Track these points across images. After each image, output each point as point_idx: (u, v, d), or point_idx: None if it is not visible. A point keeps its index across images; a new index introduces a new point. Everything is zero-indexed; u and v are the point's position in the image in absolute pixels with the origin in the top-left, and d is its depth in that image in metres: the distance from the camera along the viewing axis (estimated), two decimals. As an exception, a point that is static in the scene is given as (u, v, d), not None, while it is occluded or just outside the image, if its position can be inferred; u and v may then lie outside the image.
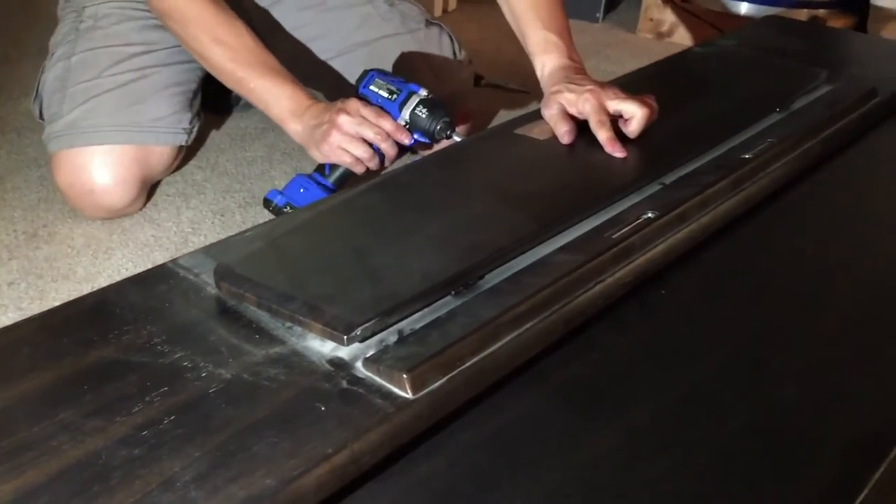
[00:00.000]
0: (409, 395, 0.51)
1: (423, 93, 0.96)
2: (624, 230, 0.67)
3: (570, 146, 0.81)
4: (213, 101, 1.29)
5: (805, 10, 1.69)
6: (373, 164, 0.96)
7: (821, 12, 1.68)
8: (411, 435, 0.50)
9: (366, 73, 1.01)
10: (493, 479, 0.50)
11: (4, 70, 1.55)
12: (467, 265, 0.61)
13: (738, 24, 1.58)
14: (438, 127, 0.95)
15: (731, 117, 0.88)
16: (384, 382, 0.52)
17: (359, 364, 0.54)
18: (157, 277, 0.63)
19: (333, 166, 0.98)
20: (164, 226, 1.10)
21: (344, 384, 0.52)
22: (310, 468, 0.46)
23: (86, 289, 0.97)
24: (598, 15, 2.01)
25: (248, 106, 1.38)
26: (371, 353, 0.54)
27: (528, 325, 0.57)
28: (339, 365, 0.54)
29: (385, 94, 0.98)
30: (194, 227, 1.09)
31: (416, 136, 0.96)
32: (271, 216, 1.02)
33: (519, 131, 0.86)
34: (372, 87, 0.99)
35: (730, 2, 1.75)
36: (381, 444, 0.49)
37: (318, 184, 0.99)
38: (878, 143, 0.92)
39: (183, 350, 0.55)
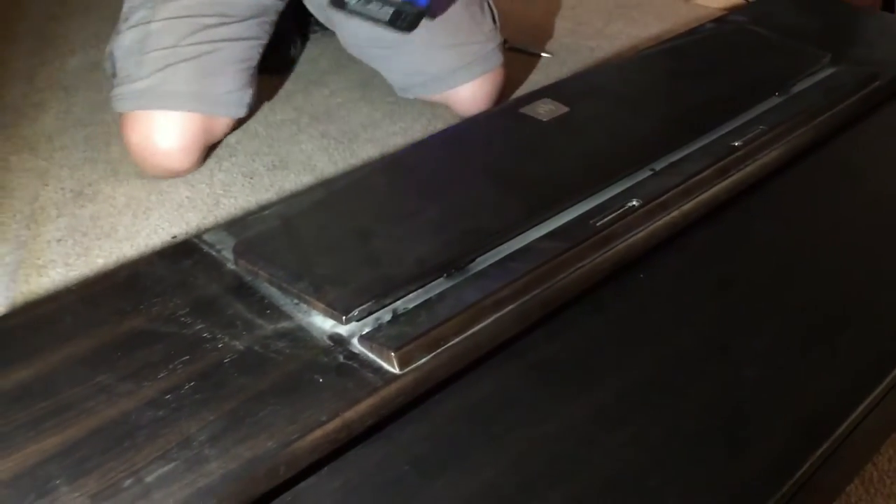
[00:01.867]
0: (396, 370, 0.58)
1: None
2: (607, 218, 0.72)
3: (570, 126, 0.87)
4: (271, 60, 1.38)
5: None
6: None
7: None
8: (397, 406, 0.58)
9: None
10: (468, 446, 0.58)
11: (51, 27, 1.62)
12: (458, 251, 0.67)
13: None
14: None
15: (728, 102, 0.92)
16: (375, 358, 0.59)
17: (355, 340, 0.61)
18: (183, 252, 0.71)
19: None
20: (197, 187, 1.17)
21: (341, 359, 0.60)
22: (305, 433, 0.54)
23: (125, 247, 1.05)
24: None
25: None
26: (367, 330, 0.61)
27: (508, 308, 0.64)
28: (337, 340, 0.61)
29: None
30: (225, 189, 1.17)
31: None
32: (295, 185, 1.09)
33: (524, 110, 0.91)
34: None
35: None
36: (369, 414, 0.56)
37: None
38: (873, 129, 0.95)
39: (203, 322, 0.63)
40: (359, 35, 1.28)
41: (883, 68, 1.01)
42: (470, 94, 1.23)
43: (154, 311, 0.64)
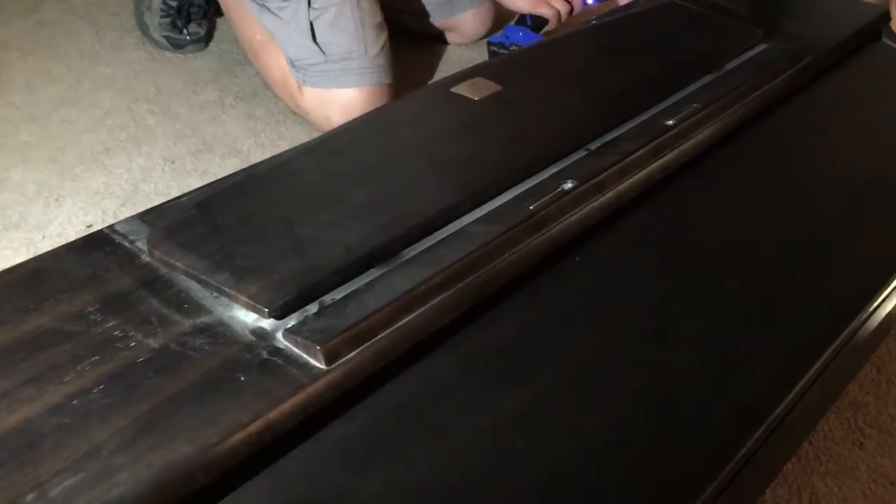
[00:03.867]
0: (323, 366, 0.55)
1: None
2: (541, 200, 0.70)
3: (503, 105, 0.84)
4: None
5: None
6: (564, 15, 1.34)
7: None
8: (325, 403, 0.55)
9: None
10: (400, 443, 0.55)
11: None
12: (388, 238, 0.64)
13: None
14: None
15: (661, 79, 0.90)
16: (301, 353, 0.56)
17: (279, 335, 0.57)
18: (93, 244, 0.66)
19: (535, 16, 1.34)
20: (115, 172, 1.12)
21: (264, 354, 0.56)
22: (225, 436, 0.50)
23: (37, 238, 1.00)
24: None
25: (200, 45, 1.39)
26: (291, 324, 0.58)
27: (440, 297, 0.61)
28: (261, 336, 0.58)
29: None
30: (145, 174, 1.12)
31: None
32: (220, 169, 1.04)
33: (455, 90, 0.88)
34: None
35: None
36: (294, 414, 0.53)
37: (527, 27, 1.34)
38: (804, 106, 0.95)
39: (115, 319, 0.59)
40: None
41: (812, 45, 1.01)
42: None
43: (60, 308, 0.60)
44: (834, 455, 0.78)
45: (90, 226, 1.01)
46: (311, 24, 1.14)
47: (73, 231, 1.01)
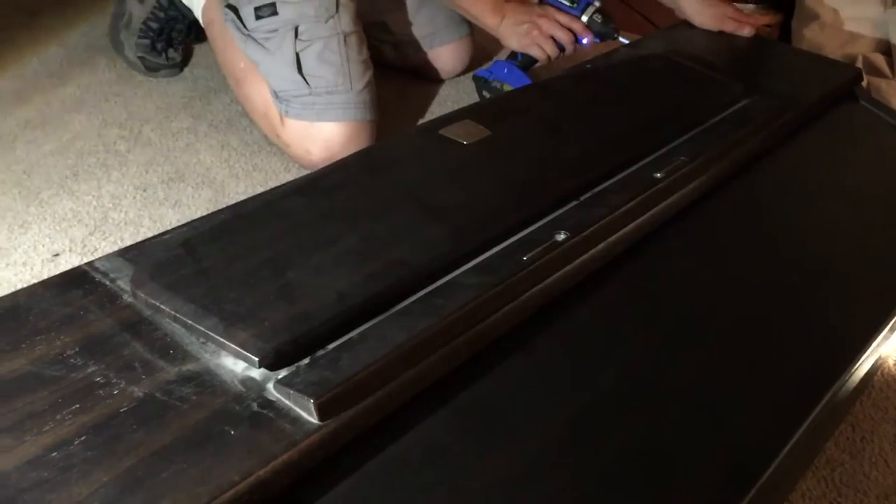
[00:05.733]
0: (316, 420, 0.53)
1: (597, 3, 1.28)
2: (534, 252, 0.69)
3: (492, 151, 0.84)
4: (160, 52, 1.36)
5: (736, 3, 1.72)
6: (553, 57, 1.30)
7: (748, 7, 1.72)
8: (317, 460, 0.53)
9: None
10: (393, 501, 0.53)
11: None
12: (380, 287, 0.63)
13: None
14: (609, 30, 1.27)
15: (649, 131, 0.91)
16: (293, 406, 0.54)
17: (270, 385, 0.55)
18: (73, 282, 0.64)
19: (525, 55, 1.31)
20: (83, 199, 1.08)
21: (254, 407, 0.54)
22: (215, 496, 0.48)
23: (0, 265, 0.96)
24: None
25: (175, 70, 1.36)
26: (282, 374, 0.56)
27: (434, 350, 0.60)
28: (250, 386, 0.55)
29: (567, 3, 1.29)
30: (115, 202, 1.08)
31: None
32: (192, 198, 1.01)
33: (444, 132, 0.87)
34: None
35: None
36: (286, 472, 0.51)
37: (515, 66, 1.32)
38: (786, 158, 0.97)
39: (96, 364, 0.56)
40: None
41: (791, 101, 1.02)
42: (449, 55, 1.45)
43: (38, 350, 0.57)
44: (812, 514, 0.78)
45: (57, 254, 0.98)
46: (298, 55, 1.13)
47: (38, 259, 0.97)
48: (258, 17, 1.14)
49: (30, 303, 0.61)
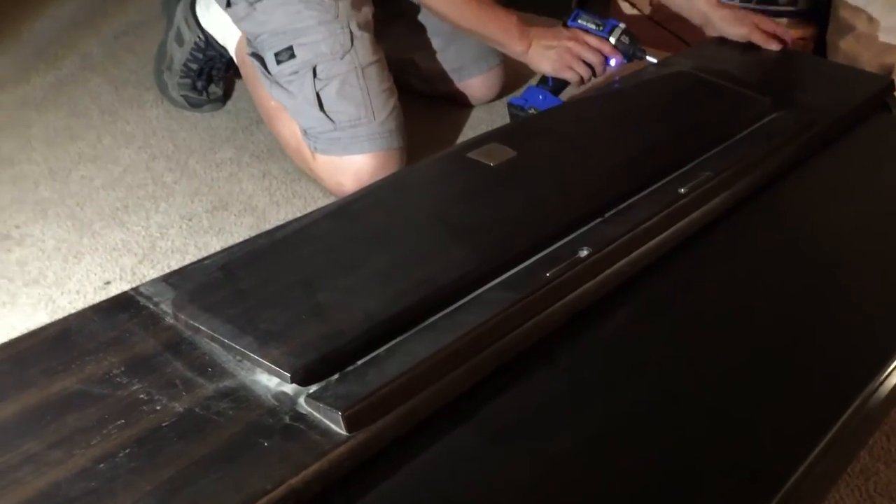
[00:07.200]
0: (345, 432, 0.56)
1: (623, 25, 1.28)
2: (557, 268, 0.71)
3: (518, 171, 0.86)
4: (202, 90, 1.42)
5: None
6: (587, 80, 1.29)
7: (783, 21, 1.72)
8: (346, 470, 0.55)
9: (572, 10, 1.32)
10: (420, 511, 0.55)
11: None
12: (407, 304, 0.66)
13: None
14: (637, 50, 1.27)
15: (675, 147, 0.92)
16: (323, 419, 0.57)
17: (301, 400, 0.58)
18: (119, 306, 0.68)
19: (557, 79, 1.30)
20: (132, 229, 1.13)
21: (287, 420, 0.57)
22: (249, 503, 0.51)
23: (55, 294, 1.01)
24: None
25: (218, 104, 1.42)
26: (313, 389, 0.59)
27: (460, 364, 0.62)
28: (283, 400, 0.58)
29: (593, 26, 1.29)
30: (162, 231, 1.13)
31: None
32: (235, 226, 1.06)
33: (472, 155, 0.90)
34: (581, 21, 1.30)
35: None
36: (316, 481, 0.53)
37: (548, 91, 1.31)
38: (813, 173, 0.97)
39: (140, 382, 0.60)
40: None
41: (820, 114, 1.03)
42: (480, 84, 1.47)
43: (87, 370, 0.61)
44: (847, 524, 0.78)
45: (108, 282, 1.03)
46: (318, 94, 1.17)
47: (91, 287, 1.02)
48: (279, 62, 1.18)
49: (80, 326, 0.65)
